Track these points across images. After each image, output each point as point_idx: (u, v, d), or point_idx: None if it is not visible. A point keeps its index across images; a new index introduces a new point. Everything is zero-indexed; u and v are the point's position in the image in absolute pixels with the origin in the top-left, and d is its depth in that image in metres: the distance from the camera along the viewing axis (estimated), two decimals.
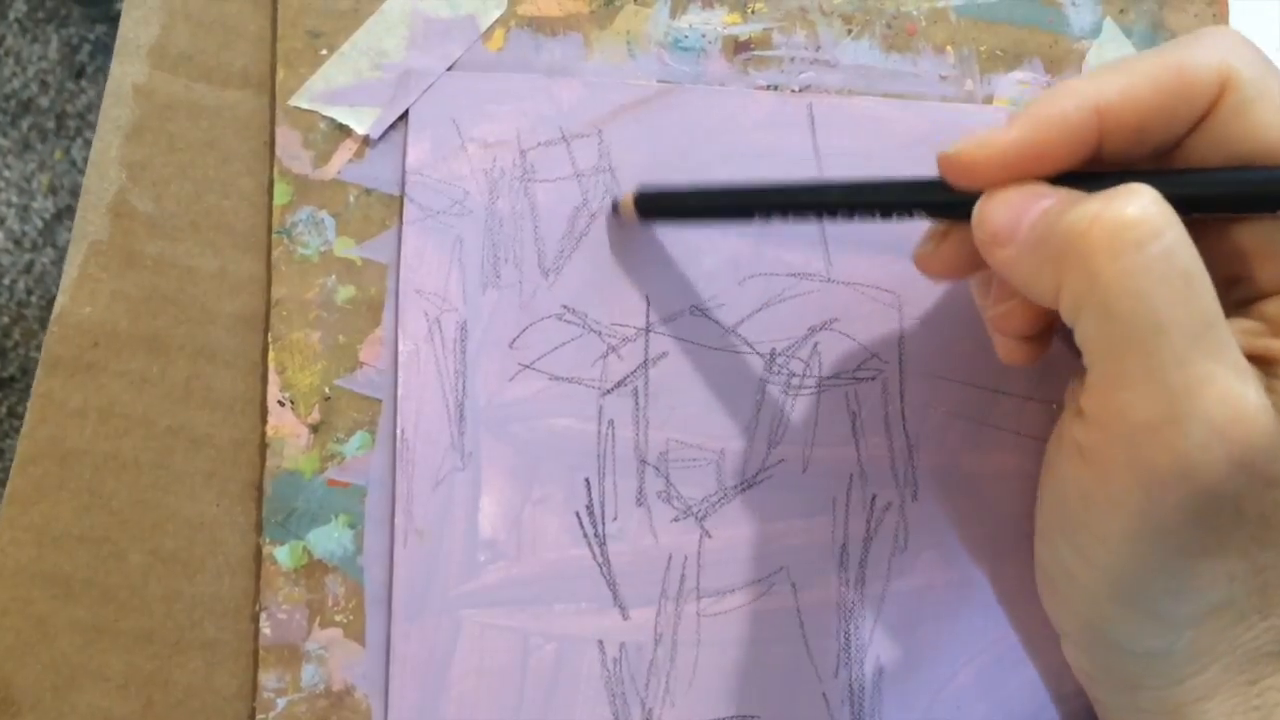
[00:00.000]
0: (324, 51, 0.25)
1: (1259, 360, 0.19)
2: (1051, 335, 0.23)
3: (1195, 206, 0.19)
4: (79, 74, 0.33)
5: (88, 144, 0.35)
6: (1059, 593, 0.22)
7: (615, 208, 0.25)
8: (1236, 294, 0.21)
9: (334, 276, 0.25)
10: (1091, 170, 0.20)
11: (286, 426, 0.24)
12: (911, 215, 0.22)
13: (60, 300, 0.24)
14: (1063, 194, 0.19)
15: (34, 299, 0.36)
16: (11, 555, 0.23)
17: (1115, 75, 0.20)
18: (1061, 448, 0.21)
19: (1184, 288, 0.17)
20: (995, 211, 0.20)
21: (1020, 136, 0.19)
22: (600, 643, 0.25)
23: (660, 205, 0.25)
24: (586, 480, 0.25)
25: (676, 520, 0.25)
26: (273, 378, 0.24)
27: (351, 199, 0.25)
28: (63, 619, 0.23)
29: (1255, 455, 0.18)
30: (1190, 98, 0.19)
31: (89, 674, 0.23)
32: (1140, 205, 0.18)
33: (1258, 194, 0.19)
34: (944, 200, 0.21)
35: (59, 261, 0.36)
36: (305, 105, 0.25)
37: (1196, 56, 0.19)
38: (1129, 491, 0.19)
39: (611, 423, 0.25)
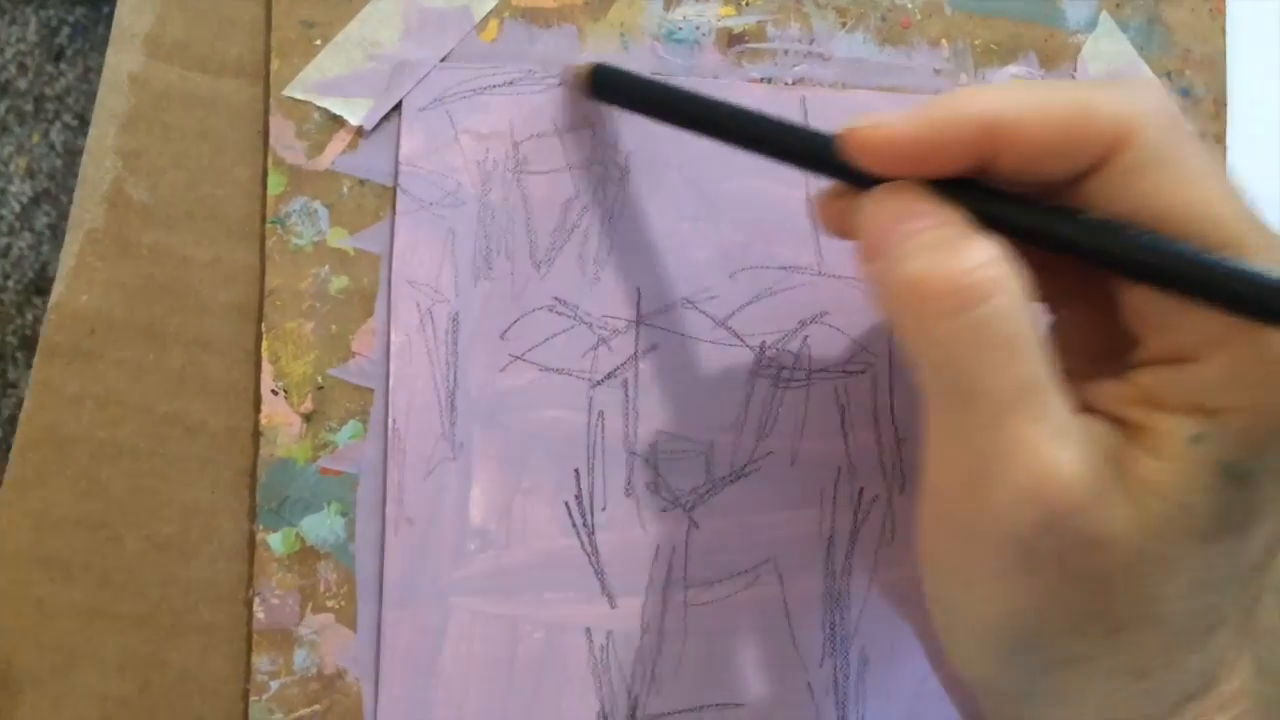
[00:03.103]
0: (318, 42, 0.27)
1: (1126, 427, 0.20)
2: None
3: (1062, 249, 0.20)
4: (58, 56, 0.36)
5: (66, 127, 0.37)
6: (935, 619, 0.23)
7: (567, 78, 0.27)
8: (1133, 354, 0.21)
9: (327, 267, 0.27)
10: (988, 182, 0.21)
11: (280, 415, 0.27)
12: (826, 173, 0.23)
13: (57, 289, 0.26)
14: (940, 217, 0.20)
15: (11, 283, 0.39)
16: (11, 539, 0.25)
17: (1019, 96, 0.20)
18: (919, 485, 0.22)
19: (1003, 354, 0.19)
20: (871, 221, 0.21)
21: (911, 130, 0.20)
22: (588, 631, 0.27)
23: (611, 86, 0.27)
24: (576, 471, 0.28)
25: (665, 511, 0.28)
26: (266, 367, 0.27)
27: (345, 189, 0.27)
28: (61, 602, 0.25)
29: (1062, 518, 0.19)
30: (1085, 143, 0.20)
31: (87, 655, 0.25)
32: (974, 263, 0.19)
33: (1116, 256, 0.20)
34: (847, 169, 0.22)
35: (36, 246, 0.39)
36: (299, 95, 0.27)
37: (1103, 103, 0.20)
38: (956, 536, 0.21)
39: (601, 414, 0.28)
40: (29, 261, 0.39)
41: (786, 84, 0.29)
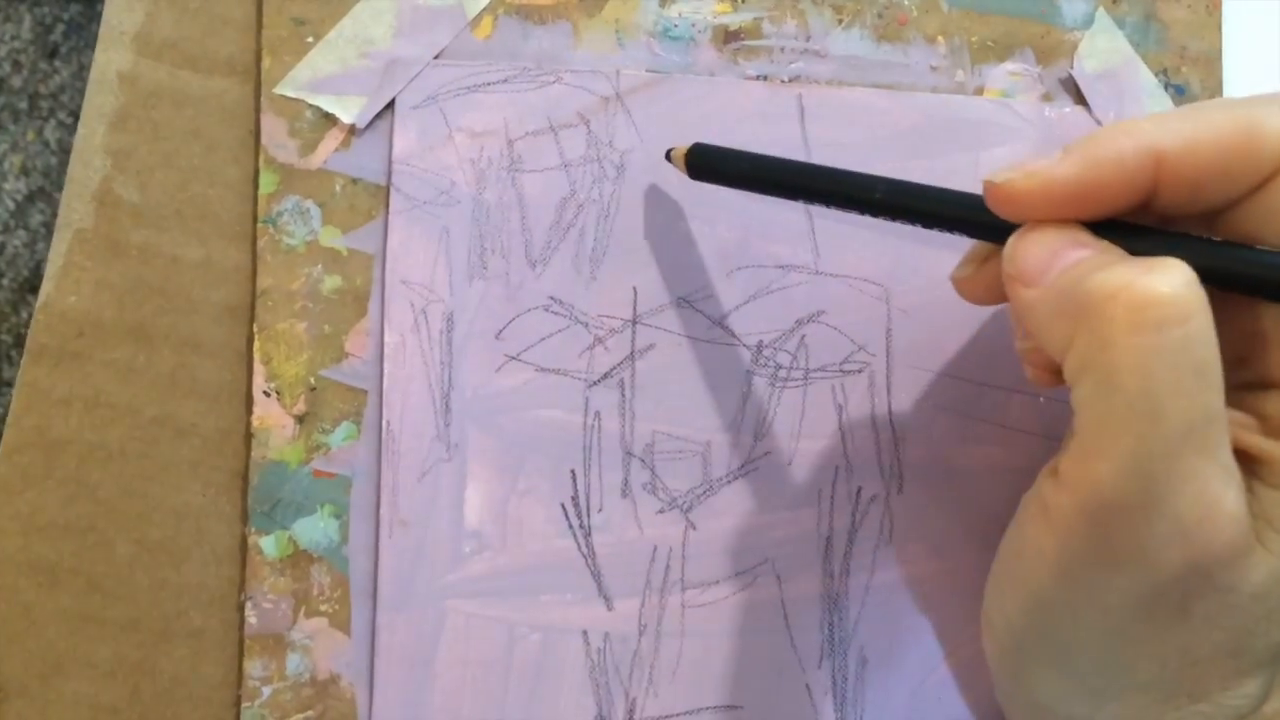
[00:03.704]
0: (310, 39, 0.26)
1: (1242, 457, 0.19)
2: None
3: (1232, 285, 0.19)
4: (52, 54, 0.35)
5: (61, 125, 0.36)
6: (997, 640, 0.22)
7: (668, 157, 0.26)
8: (1239, 376, 0.20)
9: (320, 266, 0.26)
10: (1139, 221, 0.20)
11: (272, 417, 0.26)
12: (953, 230, 0.22)
13: (45, 289, 0.25)
14: (1100, 247, 0.19)
15: (5, 281, 0.37)
16: None
17: (1180, 122, 0.19)
18: (1030, 502, 0.21)
19: (1193, 380, 0.18)
20: (1028, 250, 0.20)
21: (1071, 173, 0.19)
22: (585, 633, 0.26)
23: (712, 165, 0.25)
24: (572, 472, 0.27)
25: (661, 512, 0.27)
26: (258, 368, 0.26)
27: (338, 188, 0.26)
28: (49, 607, 0.24)
29: (1214, 562, 0.18)
30: (1254, 161, 0.19)
31: (76, 662, 0.24)
32: (1172, 284, 0.18)
33: (1260, 278, 0.19)
34: (989, 223, 0.21)
35: (31, 244, 0.38)
36: (291, 94, 0.26)
37: (1268, 118, 0.19)
38: (1081, 564, 0.19)
39: (598, 414, 0.27)
40: (23, 260, 0.37)
41: (783, 81, 0.28)
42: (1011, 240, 0.20)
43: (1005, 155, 0.29)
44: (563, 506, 0.26)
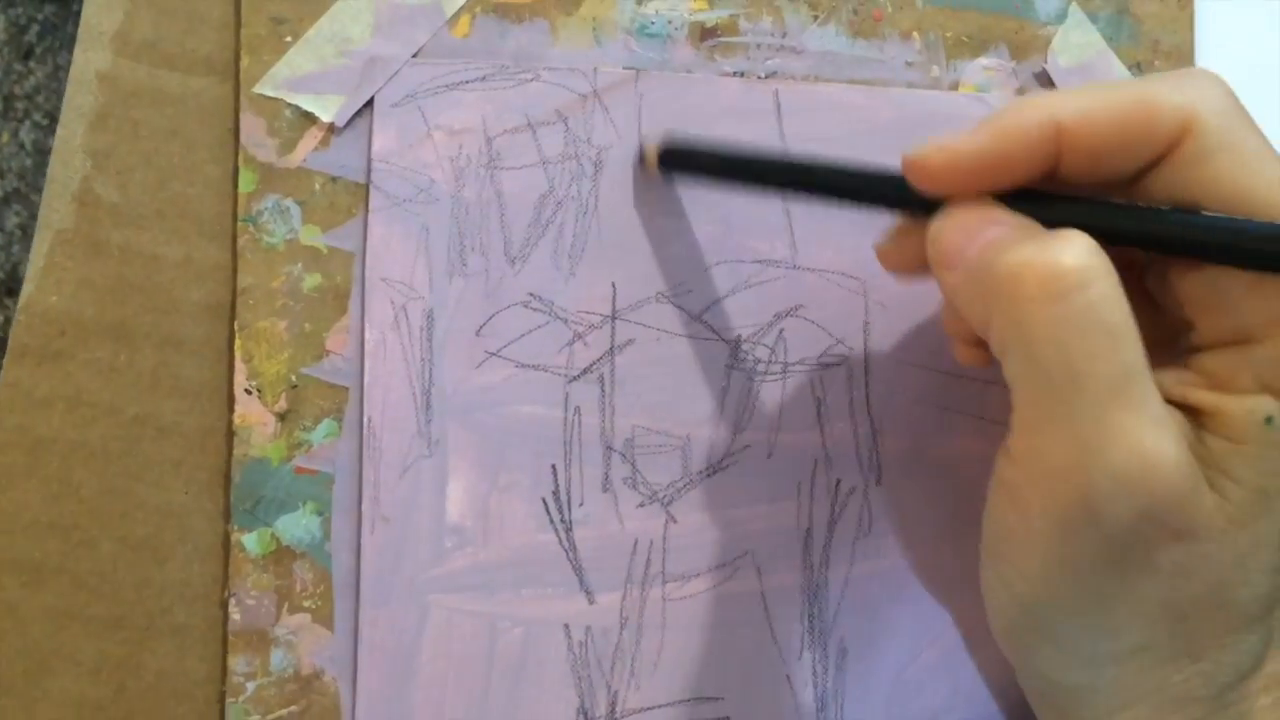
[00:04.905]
0: (288, 38, 0.27)
1: (1190, 411, 0.21)
2: None
3: (1133, 242, 0.21)
4: (27, 55, 0.35)
5: (36, 126, 0.37)
6: (995, 622, 0.23)
7: (641, 157, 0.28)
8: (1186, 340, 0.22)
9: (300, 265, 0.27)
10: (1048, 190, 0.22)
11: (253, 414, 0.26)
12: (878, 207, 0.23)
13: (26, 289, 0.26)
14: (1013, 223, 0.21)
15: None
16: None
17: (1080, 96, 0.21)
18: (994, 483, 0.22)
19: (1106, 340, 0.19)
20: (947, 232, 0.21)
21: (981, 145, 0.21)
22: (566, 627, 0.27)
23: (679, 160, 0.27)
24: (553, 467, 0.28)
25: (642, 506, 0.28)
26: (239, 366, 0.26)
27: (317, 187, 0.27)
28: (34, 605, 0.25)
29: (1161, 507, 0.19)
30: (1149, 134, 0.20)
31: (61, 659, 0.25)
32: (1073, 254, 0.19)
33: (1194, 240, 0.20)
34: (911, 199, 0.22)
35: (6, 246, 0.38)
36: (270, 92, 0.27)
37: (1163, 95, 0.20)
38: (1043, 531, 0.20)
39: (578, 409, 0.28)
40: None
41: (759, 78, 0.29)
42: (932, 223, 0.22)
43: None
44: (544, 501, 0.27)
